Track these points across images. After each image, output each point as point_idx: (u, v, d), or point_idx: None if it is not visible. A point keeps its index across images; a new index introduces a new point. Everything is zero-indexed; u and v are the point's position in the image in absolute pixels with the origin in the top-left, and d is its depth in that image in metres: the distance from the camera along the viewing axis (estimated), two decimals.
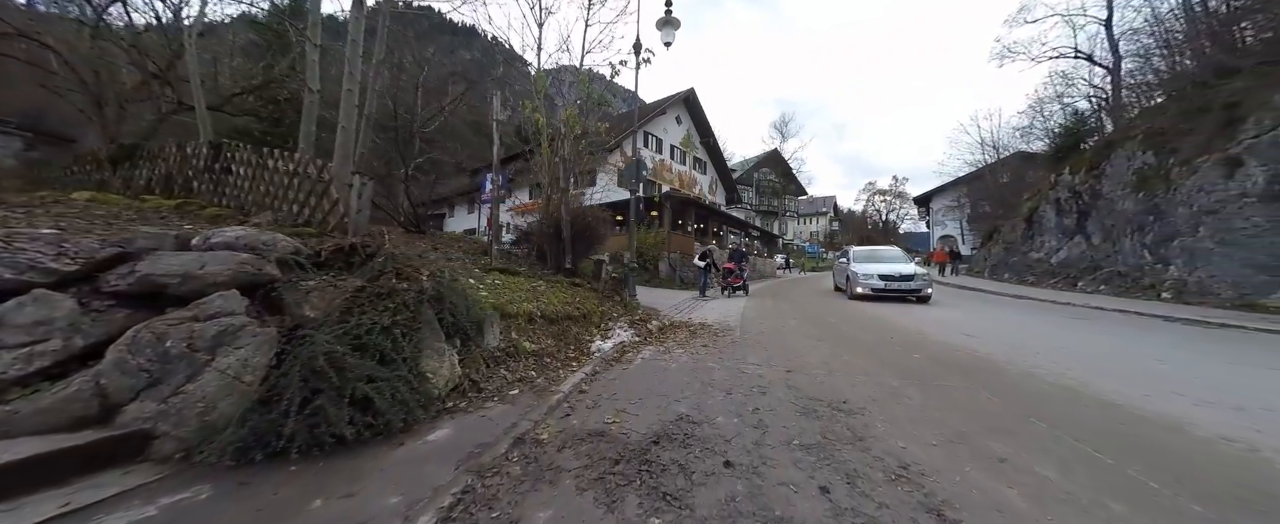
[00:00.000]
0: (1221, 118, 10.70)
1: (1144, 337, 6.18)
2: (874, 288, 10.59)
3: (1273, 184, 9.10)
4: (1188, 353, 5.06)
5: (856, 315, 8.02)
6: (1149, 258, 12.42)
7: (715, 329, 6.23)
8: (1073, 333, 6.31)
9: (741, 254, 12.87)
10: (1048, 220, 18.94)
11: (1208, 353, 5.05)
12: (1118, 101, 18.82)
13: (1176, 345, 5.56)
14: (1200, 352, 5.13)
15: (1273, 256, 9.07)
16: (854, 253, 13.00)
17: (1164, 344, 5.57)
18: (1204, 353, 5.05)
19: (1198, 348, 5.39)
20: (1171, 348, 5.38)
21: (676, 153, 26.98)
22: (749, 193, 53.73)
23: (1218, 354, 4.94)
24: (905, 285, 10.33)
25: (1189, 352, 5.15)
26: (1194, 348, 5.40)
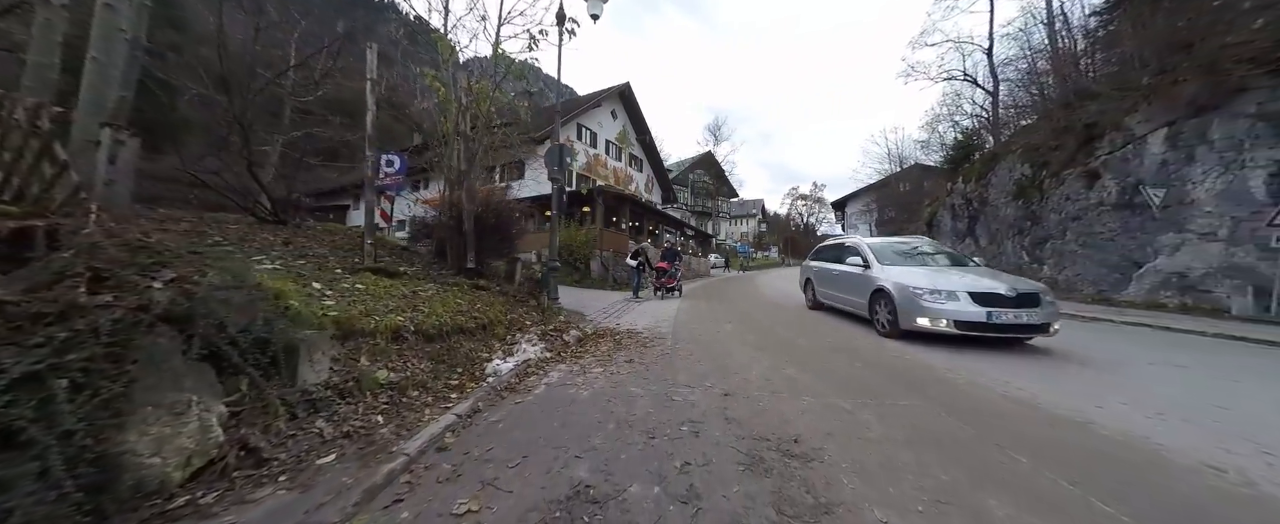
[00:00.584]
0: (1082, 136, 12.25)
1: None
2: (962, 322, 4.98)
3: (1124, 194, 10.51)
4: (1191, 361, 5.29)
5: (787, 315, 7.83)
6: (1027, 258, 14.01)
7: (644, 337, 5.53)
8: None
9: (675, 253, 12.13)
10: (945, 224, 20.97)
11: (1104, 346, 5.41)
12: (996, 121, 21.36)
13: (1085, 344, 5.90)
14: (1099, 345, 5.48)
15: (1124, 258, 10.47)
16: (871, 248, 7.03)
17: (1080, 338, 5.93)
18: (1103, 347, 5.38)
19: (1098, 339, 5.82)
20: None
21: (612, 149, 26.24)
22: (685, 193, 54.75)
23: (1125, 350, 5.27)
24: (1022, 317, 4.90)
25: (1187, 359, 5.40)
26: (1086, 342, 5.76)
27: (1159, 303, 9.33)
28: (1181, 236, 9.21)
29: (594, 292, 12.02)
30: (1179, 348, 5.62)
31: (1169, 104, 9.53)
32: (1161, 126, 9.68)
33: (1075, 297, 11.36)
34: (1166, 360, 4.74)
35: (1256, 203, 8.06)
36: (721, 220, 62.10)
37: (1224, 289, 8.35)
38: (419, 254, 6.78)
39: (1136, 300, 9.81)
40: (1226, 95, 8.44)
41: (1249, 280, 7.98)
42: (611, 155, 25.96)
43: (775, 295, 12.82)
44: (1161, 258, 9.54)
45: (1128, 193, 10.37)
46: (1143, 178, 9.99)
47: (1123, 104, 10.99)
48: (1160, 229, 9.61)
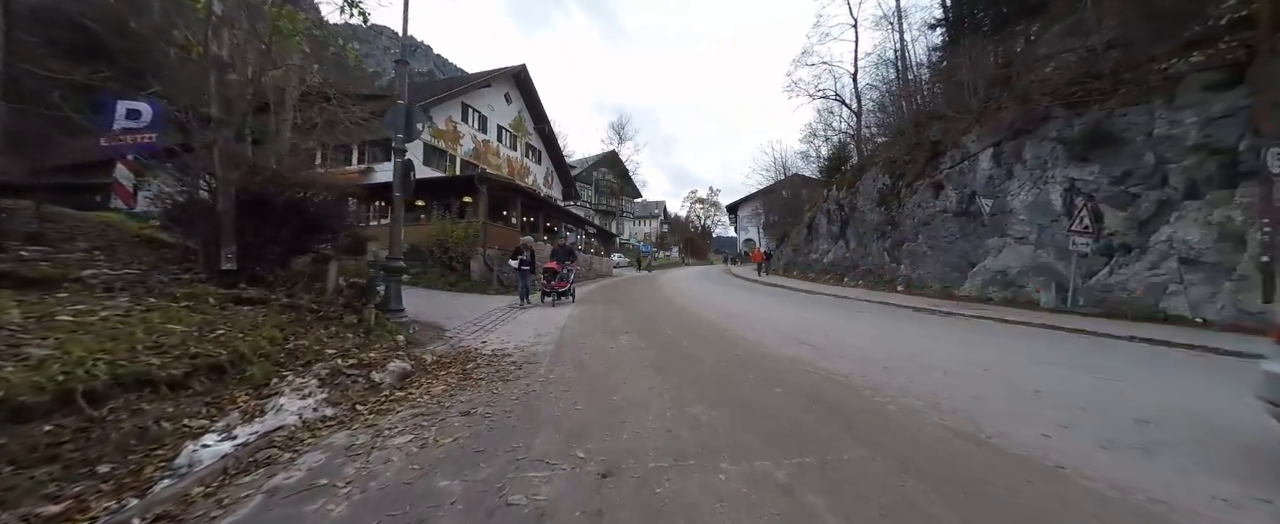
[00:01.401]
0: (930, 151, 14.08)
1: (922, 328, 6.91)
2: None
3: (962, 203, 12.19)
4: (999, 352, 5.45)
5: (692, 323, 7.23)
6: (888, 259, 15.78)
7: (511, 363, 4.24)
8: (882, 330, 6.67)
9: (567, 251, 10.56)
10: (821, 227, 23.10)
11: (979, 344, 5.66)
12: (860, 137, 24.25)
13: (970, 343, 6.15)
14: (971, 341, 5.74)
15: (962, 258, 12.14)
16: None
17: (942, 337, 6.17)
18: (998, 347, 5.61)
19: (950, 334, 6.16)
20: (964, 347, 5.83)
21: (505, 136, 23.90)
22: (588, 191, 53.66)
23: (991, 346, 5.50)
24: None
25: (997, 349, 5.58)
26: (979, 341, 6.03)
27: (987, 297, 10.88)
28: (1003, 240, 10.85)
29: (473, 297, 10.19)
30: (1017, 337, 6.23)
31: (994, 127, 11.19)
32: (989, 146, 11.34)
33: (925, 292, 12.94)
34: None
35: (1056, 212, 9.72)
36: (625, 220, 62.39)
37: (1034, 284, 9.95)
38: (171, 247, 4.54)
39: (971, 295, 11.36)
40: (1036, 122, 10.08)
41: (1052, 277, 9.58)
42: (505, 143, 23.66)
43: (678, 296, 12.38)
44: (989, 258, 11.16)
45: (965, 202, 12.03)
46: (976, 189, 11.63)
47: (960, 125, 12.79)
48: (988, 233, 11.25)
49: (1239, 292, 7.05)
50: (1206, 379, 4.20)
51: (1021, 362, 4.58)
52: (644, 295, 12.87)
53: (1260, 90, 6.67)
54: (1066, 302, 9.02)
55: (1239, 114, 7.08)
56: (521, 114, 25.00)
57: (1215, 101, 7.33)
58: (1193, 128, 7.60)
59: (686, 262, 50.34)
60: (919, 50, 18.67)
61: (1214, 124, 7.35)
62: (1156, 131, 8.04)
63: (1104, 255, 8.90)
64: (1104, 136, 8.75)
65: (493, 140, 22.44)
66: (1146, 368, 4.66)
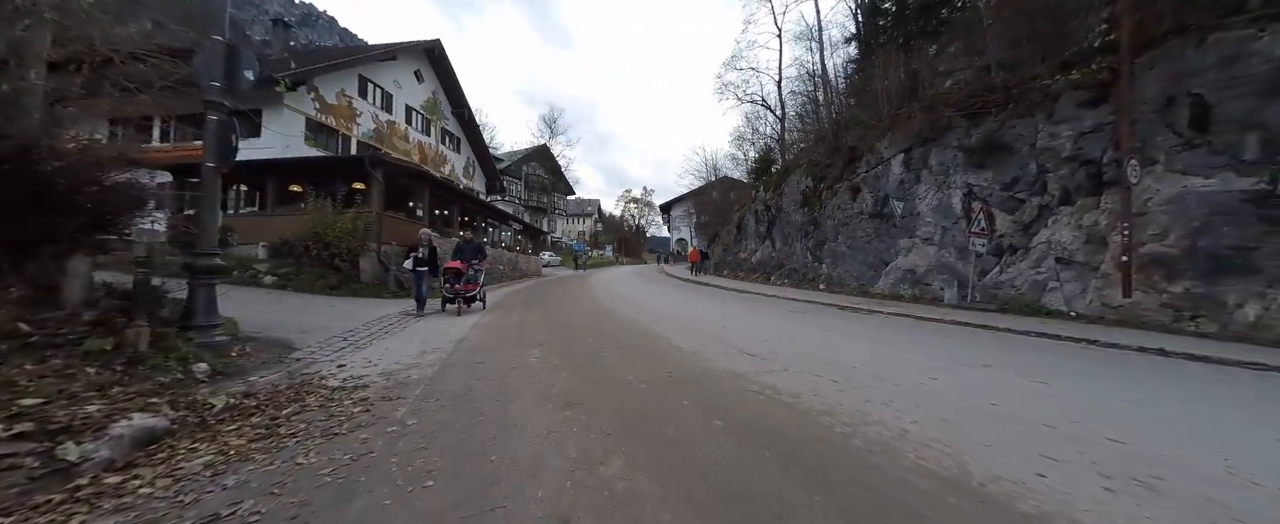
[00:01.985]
0: (848, 156, 14.80)
1: (853, 329, 6.85)
2: None
3: (876, 205, 12.87)
4: (933, 354, 5.33)
5: (621, 331, 6.52)
6: (811, 258, 16.42)
7: (367, 397, 3.18)
8: (818, 332, 6.45)
9: (475, 247, 8.72)
10: (750, 227, 23.74)
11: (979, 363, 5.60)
12: (784, 141, 25.35)
13: (902, 344, 6.08)
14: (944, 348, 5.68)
15: (876, 258, 12.83)
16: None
17: (875, 338, 6.08)
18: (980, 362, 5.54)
19: (881, 334, 6.13)
20: (899, 349, 5.72)
21: (418, 119, 21.39)
22: (517, 186, 51.06)
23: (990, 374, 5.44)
24: None
25: (930, 351, 5.48)
26: (942, 349, 5.98)
27: (898, 294, 11.53)
28: (912, 241, 11.56)
29: (360, 303, 8.50)
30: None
31: (904, 135, 11.90)
32: (900, 152, 12.05)
33: (845, 290, 13.54)
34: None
35: (956, 215, 10.47)
36: (557, 217, 60.50)
37: (938, 282, 10.66)
38: None
39: (885, 292, 12.00)
40: (940, 131, 10.81)
41: (953, 275, 10.31)
42: (416, 126, 21.16)
43: (609, 297, 11.61)
44: (900, 257, 11.85)
45: (879, 204, 12.71)
46: (889, 192, 12.31)
47: (875, 132, 13.54)
48: (899, 234, 11.95)
49: (1103, 288, 7.93)
50: (1121, 379, 4.34)
51: (957, 365, 4.46)
52: (571, 297, 11.95)
53: (1120, 109, 7.51)
54: (966, 298, 9.72)
55: (1104, 129, 7.96)
56: (437, 96, 22.59)
57: (1086, 117, 8.19)
58: (1067, 141, 8.46)
59: (621, 261, 49.87)
60: (837, 61, 19.76)
61: (1084, 138, 8.22)
62: (1039, 143, 8.87)
63: (995, 255, 9.71)
64: (996, 146, 9.53)
65: (399, 122, 19.91)
66: (1065, 365, 4.76)
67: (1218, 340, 6.28)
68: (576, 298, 11.56)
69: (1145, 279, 7.28)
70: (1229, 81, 6.68)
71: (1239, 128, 6.65)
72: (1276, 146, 6.34)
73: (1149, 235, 7.24)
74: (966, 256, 10.21)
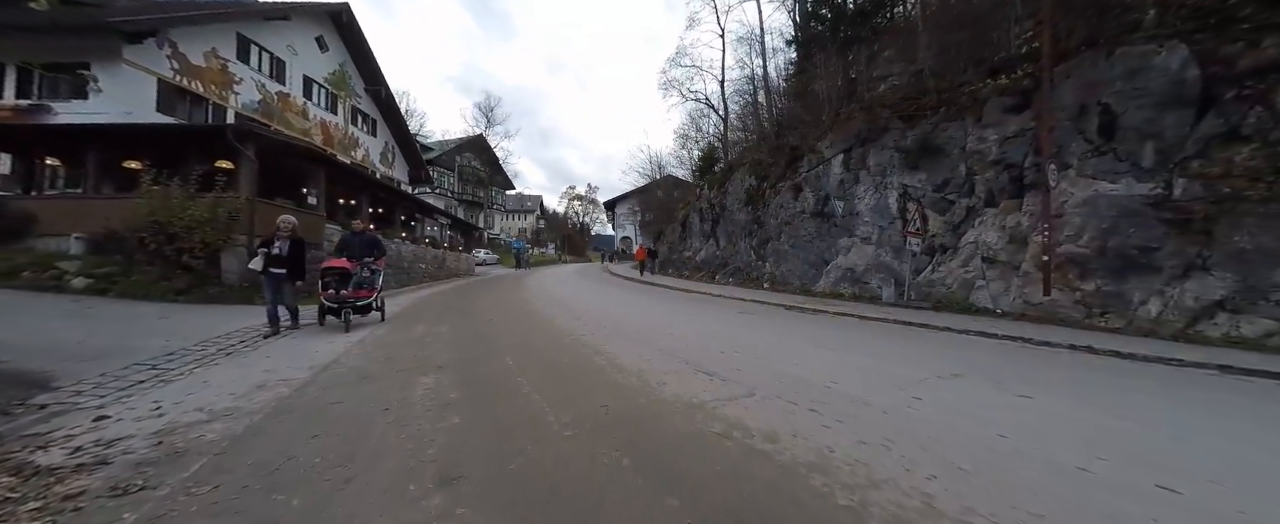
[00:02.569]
0: (790, 156, 14.91)
1: (807, 333, 6.47)
2: None
3: (818, 205, 13.00)
4: (902, 363, 4.93)
5: (551, 345, 5.59)
6: (754, 257, 16.43)
7: (86, 492, 1.95)
8: (774, 337, 5.94)
9: (368, 241, 6.80)
10: (695, 226, 23.59)
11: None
12: (726, 140, 25.56)
13: (863, 351, 5.71)
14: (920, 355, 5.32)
15: (818, 257, 12.95)
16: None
17: (833, 345, 5.70)
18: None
19: (838, 339, 5.80)
20: (863, 358, 5.32)
21: (322, 94, 18.58)
22: (450, 178, 47.54)
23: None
24: None
25: (898, 361, 5.08)
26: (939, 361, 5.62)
27: (839, 292, 11.66)
28: (852, 240, 11.74)
29: (211, 313, 6.80)
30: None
31: (845, 135, 12.06)
32: (841, 152, 12.20)
33: (788, 288, 13.59)
34: None
35: (892, 215, 10.72)
36: (495, 213, 57.37)
37: (877, 281, 10.86)
38: None
39: (826, 291, 12.11)
40: (878, 132, 11.01)
41: (890, 274, 10.53)
42: (318, 102, 18.37)
43: (544, 300, 10.49)
44: (840, 257, 12.01)
45: (820, 203, 12.83)
46: (830, 192, 12.45)
47: (816, 132, 13.69)
48: (840, 234, 12.10)
49: (1024, 286, 8.33)
50: (1095, 386, 4.19)
51: (929, 376, 4.05)
52: (501, 301, 10.73)
53: (1041, 115, 7.88)
54: (902, 296, 9.93)
55: (1027, 134, 8.34)
56: (345, 69, 19.84)
57: (1010, 122, 8.57)
58: (993, 144, 8.82)
59: (564, 259, 48.21)
60: (779, 62, 20.06)
61: (1008, 142, 8.60)
62: (969, 146, 9.20)
63: (928, 254, 10.01)
64: (930, 148, 9.81)
65: (295, 94, 17.11)
66: (1031, 373, 4.56)
67: (1125, 335, 6.69)
68: (506, 302, 10.37)
69: (1061, 278, 7.68)
70: (1132, 92, 7.16)
71: (1139, 136, 7.16)
72: (1169, 154, 6.87)
73: (1065, 236, 7.64)
74: (902, 256, 10.46)
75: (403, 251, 15.19)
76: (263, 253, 5.85)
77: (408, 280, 14.61)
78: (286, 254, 5.94)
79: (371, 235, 7.11)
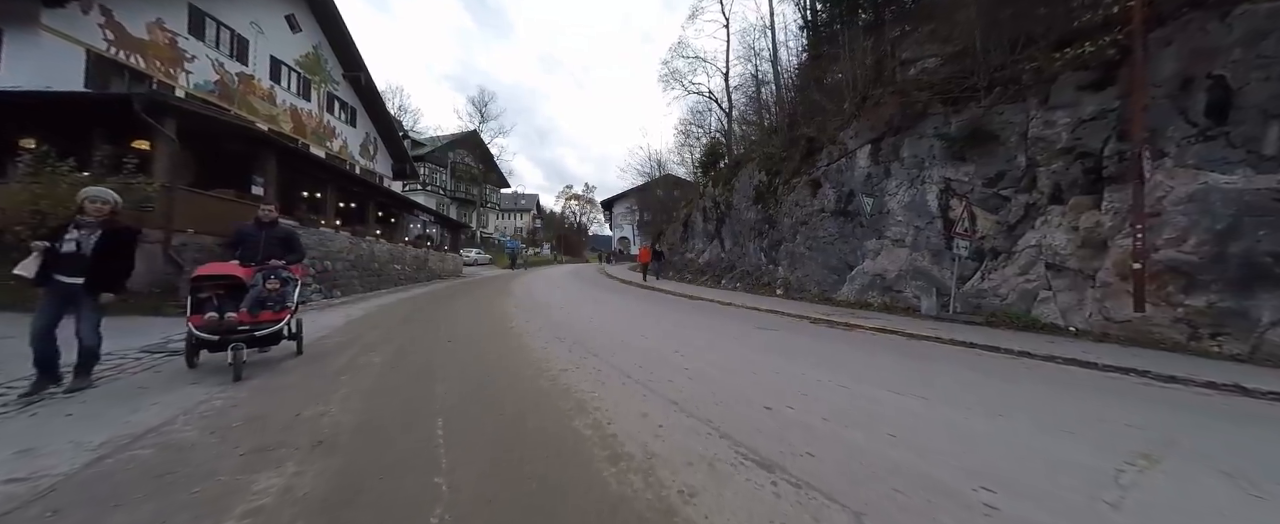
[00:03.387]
0: (806, 148, 13.49)
1: (859, 360, 5.00)
2: None
3: (840, 202, 11.58)
4: (990, 419, 3.47)
5: (513, 387, 4.09)
6: (765, 260, 15.00)
7: None
8: (828, 373, 4.45)
9: (281, 238, 4.65)
10: (697, 226, 22.16)
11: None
12: (730, 135, 24.16)
13: (990, 404, 4.22)
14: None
15: (840, 260, 11.53)
16: None
17: (896, 383, 4.22)
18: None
19: (897, 373, 4.29)
20: (947, 409, 3.85)
21: (293, 79, 16.98)
22: (442, 175, 45.94)
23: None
24: None
25: (986, 415, 3.62)
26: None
27: (866, 302, 10.24)
28: (881, 242, 10.32)
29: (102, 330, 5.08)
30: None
31: (873, 123, 10.64)
32: (867, 143, 10.78)
33: (805, 296, 12.16)
34: None
35: (931, 214, 9.30)
36: (490, 211, 55.76)
37: (912, 289, 9.44)
38: None
39: (850, 299, 10.69)
40: (914, 119, 9.60)
41: (930, 282, 9.12)
42: (289, 88, 16.75)
43: (526, 314, 8.82)
44: (867, 261, 10.58)
45: (843, 201, 11.40)
46: (855, 187, 11.03)
47: (836, 121, 12.27)
48: (867, 235, 10.68)
49: (1104, 299, 6.92)
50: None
51: (1115, 458, 2.66)
52: (475, 311, 9.22)
53: (1132, 92, 6.48)
54: (947, 308, 8.52)
55: (1109, 116, 6.94)
56: (320, 52, 18.24)
57: (1087, 102, 7.16)
58: (1063, 129, 7.41)
59: (559, 259, 46.65)
60: (791, 46, 18.68)
61: (1084, 126, 7.18)
62: (1031, 132, 7.79)
63: (974, 259, 8.61)
64: (981, 135, 8.39)
65: (260, 77, 15.49)
66: (1236, 438, 3.17)
67: (1251, 363, 5.30)
68: (481, 313, 8.85)
69: (1158, 290, 6.28)
70: (1255, 62, 5.77)
71: (1262, 116, 5.75)
72: None
73: (1164, 240, 6.23)
74: (942, 260, 9.06)
75: (376, 252, 13.67)
76: (42, 249, 3.33)
77: (379, 283, 13.08)
78: (91, 251, 3.36)
79: (285, 229, 4.80)
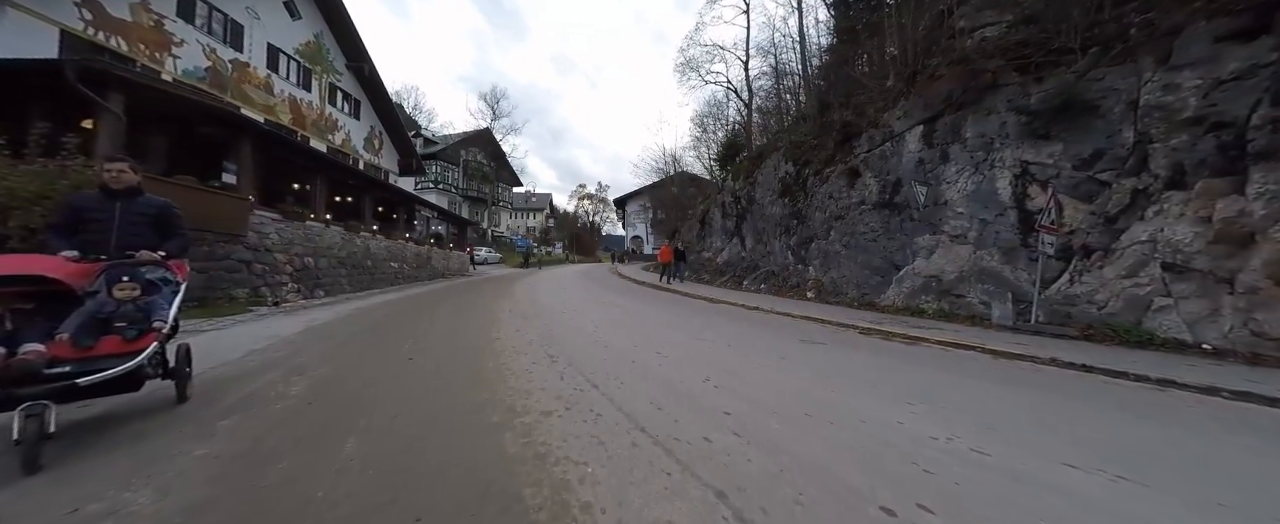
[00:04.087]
0: (841, 134, 12.04)
1: (970, 404, 3.67)
2: None
3: (884, 193, 10.13)
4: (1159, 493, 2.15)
5: (462, 473, 2.91)
6: (793, 259, 13.58)
7: None
8: (943, 427, 3.10)
9: (158, 214, 3.03)
10: (716, 223, 20.78)
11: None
12: (750, 125, 22.72)
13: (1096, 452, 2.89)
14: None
15: (885, 260, 10.09)
16: None
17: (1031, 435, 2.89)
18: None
19: (1018, 411, 2.94)
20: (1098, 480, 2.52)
21: (293, 68, 16.25)
22: (454, 173, 45.43)
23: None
24: None
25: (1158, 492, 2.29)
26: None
27: (918, 308, 8.79)
28: (936, 238, 8.85)
29: None
30: None
31: (927, 101, 9.17)
32: (919, 124, 9.32)
33: (842, 300, 10.73)
34: None
35: (1002, 205, 7.83)
36: (502, 210, 55.18)
37: (977, 294, 7.98)
38: None
39: (897, 305, 9.24)
40: (980, 91, 8.13)
41: (998, 285, 7.65)
42: (289, 77, 15.97)
43: (523, 322, 7.50)
44: (919, 260, 9.12)
45: (888, 191, 9.95)
46: (903, 176, 9.57)
47: (879, 102, 10.81)
48: (918, 230, 9.21)
49: (1250, 309, 5.40)
50: None
51: None
52: (463, 317, 8.09)
53: None
54: (1026, 317, 7.06)
55: (1260, 75, 5.41)
56: (321, 40, 17.47)
57: (1228, 57, 5.63)
58: (1191, 94, 5.89)
59: (571, 259, 45.69)
60: (821, 29, 17.21)
61: (1223, 89, 5.66)
62: (1145, 99, 6.27)
63: (1059, 259, 7.12)
64: (1072, 107, 6.89)
65: (257, 65, 14.71)
66: None
67: None
68: (469, 319, 7.69)
69: None
70: None
71: None
72: None
73: None
74: (1016, 260, 7.58)
75: (372, 249, 12.72)
76: None
77: (372, 283, 12.12)
78: None
79: (156, 202, 3.06)
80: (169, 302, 2.88)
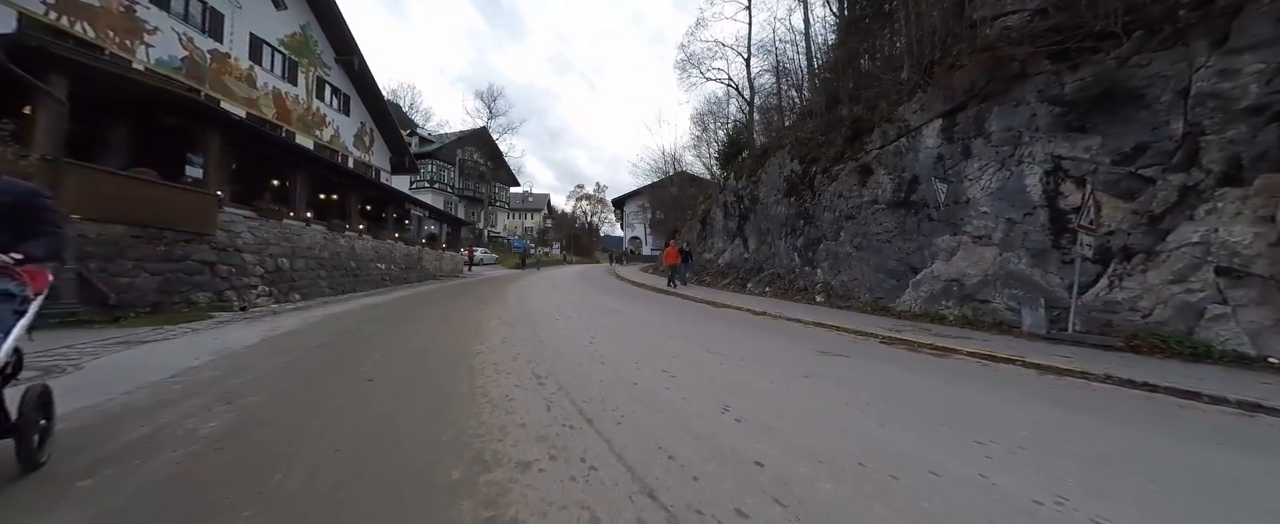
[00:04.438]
0: (850, 130, 11.47)
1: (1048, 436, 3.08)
2: None
3: (899, 191, 9.56)
4: None
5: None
6: (799, 261, 13.00)
7: None
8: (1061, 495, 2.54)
9: (8, 209, 2.15)
10: (717, 223, 20.21)
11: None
12: (751, 123, 22.16)
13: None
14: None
15: (899, 262, 9.51)
16: None
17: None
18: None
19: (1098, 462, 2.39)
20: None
21: (278, 60, 15.56)
22: (450, 172, 44.74)
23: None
24: None
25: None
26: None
27: (938, 314, 8.21)
28: (957, 239, 8.27)
29: None
30: None
31: (947, 92, 8.61)
32: (937, 117, 8.75)
33: (853, 304, 10.15)
34: None
35: (1031, 203, 7.26)
36: (499, 210, 54.49)
37: (1005, 299, 7.41)
38: None
39: (914, 310, 8.66)
40: (1008, 81, 7.56)
41: (1027, 289, 7.07)
42: (273, 70, 15.25)
43: (504, 334, 6.77)
44: (938, 262, 8.55)
45: (903, 189, 9.38)
46: (921, 172, 9.00)
47: (892, 95, 10.25)
48: (937, 230, 8.64)
49: None
50: None
51: None
52: (447, 324, 7.44)
53: None
54: (1062, 325, 6.49)
55: None
56: (309, 32, 16.79)
57: None
58: (1251, 80, 5.33)
59: (569, 259, 45.03)
60: (829, 23, 16.67)
61: None
62: (1195, 86, 5.71)
63: (1097, 262, 6.55)
64: (1112, 97, 6.33)
65: (238, 56, 14.00)
66: None
67: None
68: (451, 328, 7.04)
69: None
70: None
71: None
72: None
73: None
74: (1047, 262, 7.02)
75: (357, 249, 12.07)
76: None
77: (356, 285, 11.47)
78: None
79: (18, 188, 2.28)
80: (4, 326, 1.95)
